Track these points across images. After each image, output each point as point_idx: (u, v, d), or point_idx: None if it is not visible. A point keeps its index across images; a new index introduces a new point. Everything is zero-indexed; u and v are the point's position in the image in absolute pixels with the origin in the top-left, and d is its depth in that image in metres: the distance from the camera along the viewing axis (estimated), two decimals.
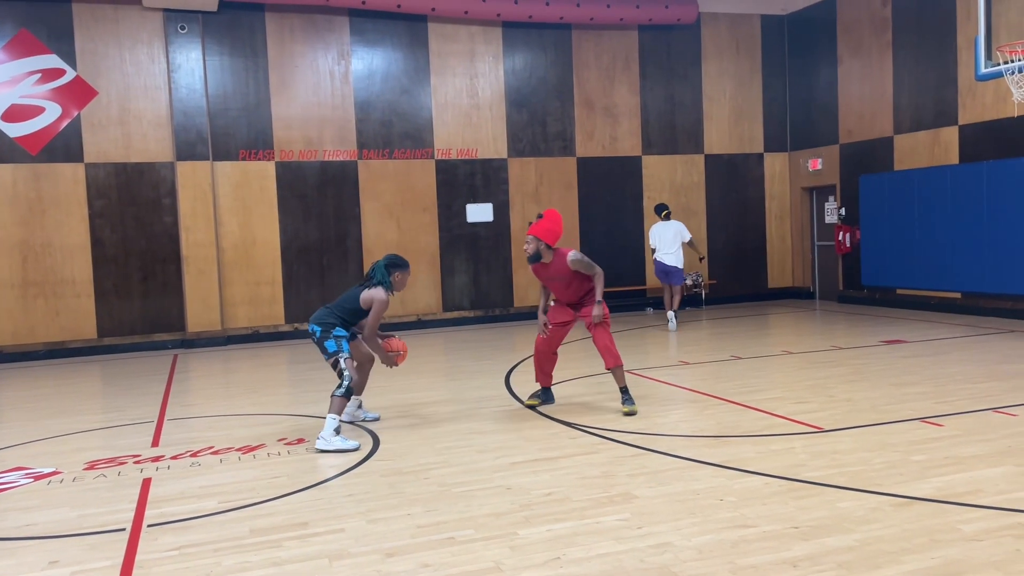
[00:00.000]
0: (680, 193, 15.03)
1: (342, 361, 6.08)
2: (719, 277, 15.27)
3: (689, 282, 14.57)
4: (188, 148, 12.37)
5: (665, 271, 12.16)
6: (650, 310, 14.42)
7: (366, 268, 13.34)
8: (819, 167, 14.94)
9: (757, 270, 15.66)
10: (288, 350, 11.88)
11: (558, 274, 6.83)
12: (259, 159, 12.81)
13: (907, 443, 5.52)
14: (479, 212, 13.83)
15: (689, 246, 12.47)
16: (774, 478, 4.88)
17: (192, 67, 12.36)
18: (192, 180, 12.39)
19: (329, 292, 13.03)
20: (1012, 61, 8.71)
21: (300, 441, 6.28)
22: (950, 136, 12.29)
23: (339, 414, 5.99)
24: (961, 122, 12.10)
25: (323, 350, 6.15)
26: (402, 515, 4.52)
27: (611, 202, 14.67)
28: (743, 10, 15.17)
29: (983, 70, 9.19)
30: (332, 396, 6.03)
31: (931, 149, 12.62)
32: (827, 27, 14.56)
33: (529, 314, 14.06)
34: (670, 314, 12.03)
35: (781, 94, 15.60)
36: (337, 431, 5.94)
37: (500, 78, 13.99)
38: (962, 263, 12.05)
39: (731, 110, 15.30)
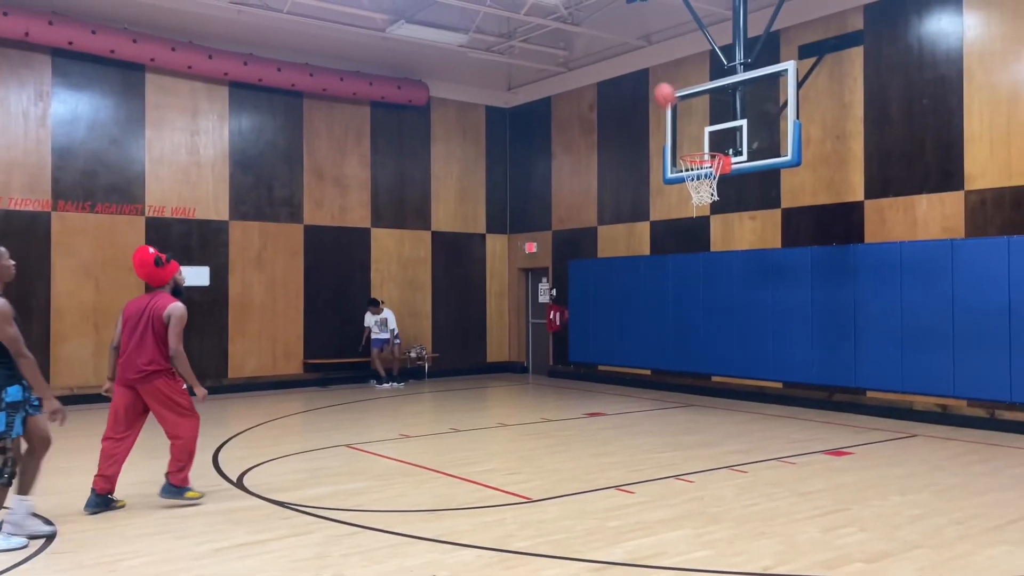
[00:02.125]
0: (407, 266, 15.32)
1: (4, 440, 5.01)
2: (442, 350, 15.65)
3: (413, 355, 14.90)
4: None
5: (386, 341, 14.32)
6: (373, 382, 14.37)
7: (54, 331, 11.89)
8: (534, 250, 16.08)
9: (477, 344, 16.29)
10: None
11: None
12: None
13: (604, 510, 5.96)
14: (194, 275, 12.95)
15: (391, 334, 14.39)
16: (486, 550, 5.01)
17: None
18: None
19: None
20: (691, 169, 10.12)
21: None
22: (643, 230, 13.89)
23: None
24: (652, 218, 13.73)
25: None
26: None
27: (339, 272, 14.54)
28: (470, 99, 16.11)
29: (669, 175, 10.56)
30: None
31: (628, 240, 14.15)
32: (543, 123, 15.93)
33: (246, 385, 13.33)
34: (393, 384, 14.16)
35: (503, 180, 16.67)
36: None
37: (224, 137, 13.44)
38: (651, 343, 13.50)
39: (457, 191, 16.03)
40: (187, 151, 13.10)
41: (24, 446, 5.27)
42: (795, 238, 11.56)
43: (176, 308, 6.12)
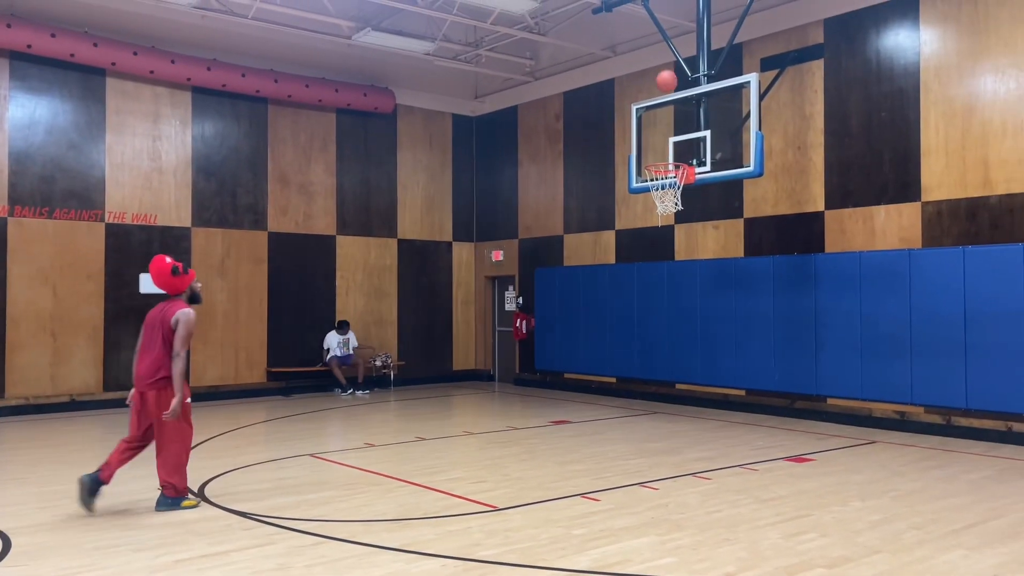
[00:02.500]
0: (373, 274, 15.24)
1: None
2: (408, 358, 15.57)
3: (379, 363, 14.81)
4: None
5: (345, 359, 14.33)
6: (337, 390, 14.25)
7: (10, 339, 11.61)
8: (500, 258, 16.09)
9: (444, 352, 16.23)
10: None
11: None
12: None
13: (569, 518, 5.97)
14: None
15: (353, 350, 14.55)
16: (451, 559, 4.98)
17: None
18: None
19: None
20: (656, 179, 10.22)
21: None
22: (608, 239, 13.97)
23: None
24: (617, 227, 13.83)
25: None
26: None
27: (304, 279, 14.41)
28: (436, 107, 16.11)
29: (634, 184, 10.64)
30: None
31: (593, 249, 14.23)
32: (510, 132, 15.97)
33: (208, 394, 13.12)
34: (357, 392, 14.17)
35: (469, 188, 16.67)
36: None
37: (187, 143, 13.27)
38: (617, 351, 13.58)
39: (424, 199, 16.00)
40: (149, 157, 12.91)
41: None
42: (757, 247, 11.72)
43: (184, 314, 6.25)
